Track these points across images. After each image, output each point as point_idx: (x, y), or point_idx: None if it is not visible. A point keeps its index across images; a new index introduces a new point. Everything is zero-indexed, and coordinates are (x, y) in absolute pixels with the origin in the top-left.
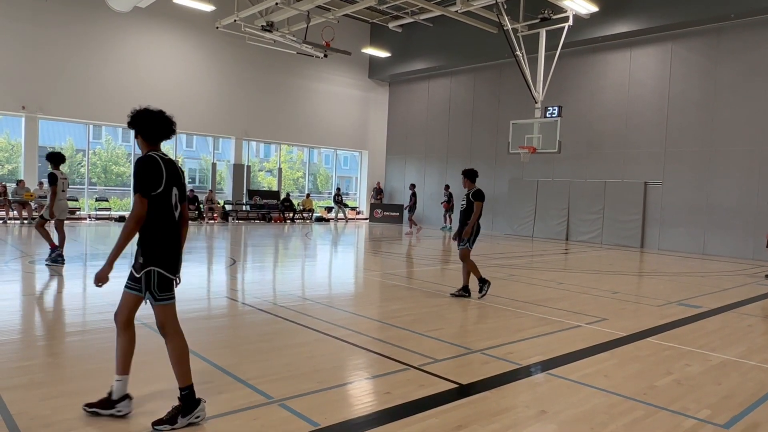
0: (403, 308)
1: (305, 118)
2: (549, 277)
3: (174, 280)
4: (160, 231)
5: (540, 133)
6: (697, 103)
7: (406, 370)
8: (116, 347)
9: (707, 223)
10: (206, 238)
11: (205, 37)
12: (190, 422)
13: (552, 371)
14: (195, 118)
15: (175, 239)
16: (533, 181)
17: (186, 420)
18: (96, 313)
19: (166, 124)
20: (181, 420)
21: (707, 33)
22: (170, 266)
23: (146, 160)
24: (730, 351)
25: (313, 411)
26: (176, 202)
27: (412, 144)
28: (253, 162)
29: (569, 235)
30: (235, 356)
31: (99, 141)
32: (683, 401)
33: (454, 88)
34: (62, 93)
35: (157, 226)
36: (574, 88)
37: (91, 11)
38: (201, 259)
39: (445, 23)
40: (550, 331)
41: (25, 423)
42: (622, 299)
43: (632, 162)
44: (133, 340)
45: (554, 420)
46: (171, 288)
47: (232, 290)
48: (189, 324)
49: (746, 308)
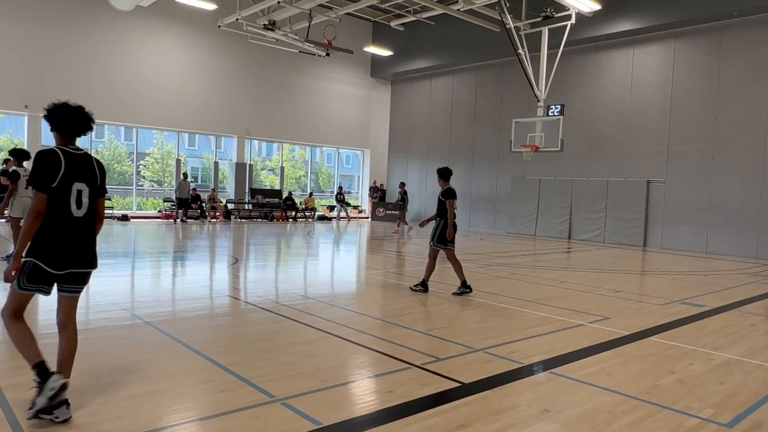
0: (406, 307)
1: (307, 116)
2: (551, 275)
3: (55, 276)
4: (50, 226)
5: (542, 132)
6: (700, 102)
7: (409, 369)
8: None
9: (710, 222)
10: (209, 236)
11: (207, 36)
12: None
13: (554, 370)
14: (197, 117)
15: (68, 235)
16: (535, 180)
17: (45, 398)
18: (97, 311)
19: (81, 119)
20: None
21: (710, 31)
22: (52, 261)
23: (42, 154)
24: (733, 350)
25: (315, 410)
26: (80, 198)
27: (414, 142)
28: (256, 161)
29: (572, 233)
30: (237, 355)
31: (101, 140)
32: (686, 400)
33: (456, 87)
34: (65, 92)
35: (49, 220)
36: (576, 86)
37: (94, 10)
38: (204, 258)
39: (447, 21)
40: (553, 330)
41: (29, 422)
42: (624, 298)
43: (635, 160)
44: (28, 329)
45: (557, 419)
46: (43, 282)
47: (234, 289)
48: (191, 322)
49: (749, 307)
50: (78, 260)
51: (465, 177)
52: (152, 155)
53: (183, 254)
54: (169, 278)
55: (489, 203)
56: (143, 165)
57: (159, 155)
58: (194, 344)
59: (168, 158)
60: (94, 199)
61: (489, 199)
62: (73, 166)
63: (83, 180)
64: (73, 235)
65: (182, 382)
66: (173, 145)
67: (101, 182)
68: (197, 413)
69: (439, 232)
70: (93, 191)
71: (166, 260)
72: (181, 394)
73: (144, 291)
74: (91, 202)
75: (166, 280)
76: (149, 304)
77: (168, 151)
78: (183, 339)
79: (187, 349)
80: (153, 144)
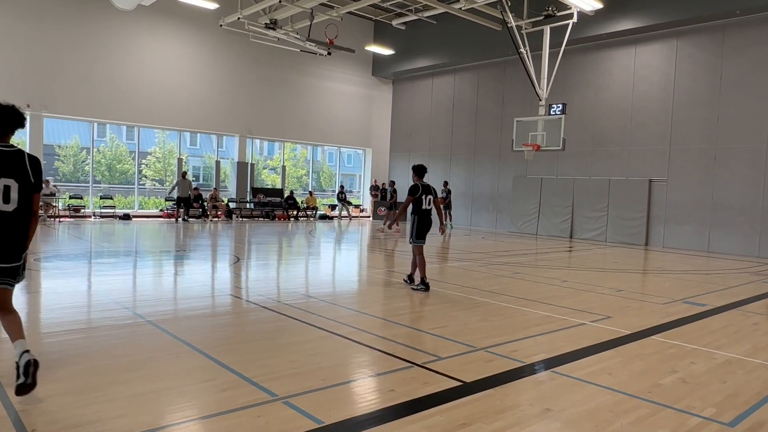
0: (407, 306)
1: (309, 115)
2: (553, 274)
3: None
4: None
5: (544, 131)
6: (702, 100)
7: (410, 368)
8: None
9: (712, 221)
10: (210, 235)
11: (208, 35)
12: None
13: (556, 369)
14: (198, 116)
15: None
16: (537, 179)
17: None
18: (100, 310)
19: (9, 117)
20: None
21: (713, 29)
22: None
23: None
24: (735, 349)
25: (317, 408)
26: (7, 193)
27: (416, 141)
28: (257, 160)
29: (573, 232)
30: (238, 353)
31: (103, 139)
32: (688, 399)
33: (457, 86)
34: (67, 91)
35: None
36: (578, 85)
37: (95, 9)
38: (205, 257)
39: (448, 20)
40: (555, 329)
41: (31, 420)
42: (626, 297)
43: (637, 159)
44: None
45: (558, 418)
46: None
47: (236, 288)
48: (193, 321)
49: (752, 306)
50: (3, 255)
51: (466, 176)
52: (154, 154)
53: (184, 253)
54: (170, 277)
55: (490, 202)
56: (145, 164)
57: (161, 154)
58: (196, 343)
59: (170, 157)
60: (27, 195)
61: (490, 198)
62: (1, 162)
63: (11, 176)
64: (4, 231)
65: (184, 380)
66: (175, 144)
67: (35, 178)
68: (199, 412)
69: (415, 229)
70: (24, 187)
71: (168, 259)
72: (183, 393)
73: (145, 290)
74: (23, 198)
75: (167, 279)
76: (151, 303)
77: (170, 150)
78: (184, 338)
79: (189, 348)
80: (155, 143)
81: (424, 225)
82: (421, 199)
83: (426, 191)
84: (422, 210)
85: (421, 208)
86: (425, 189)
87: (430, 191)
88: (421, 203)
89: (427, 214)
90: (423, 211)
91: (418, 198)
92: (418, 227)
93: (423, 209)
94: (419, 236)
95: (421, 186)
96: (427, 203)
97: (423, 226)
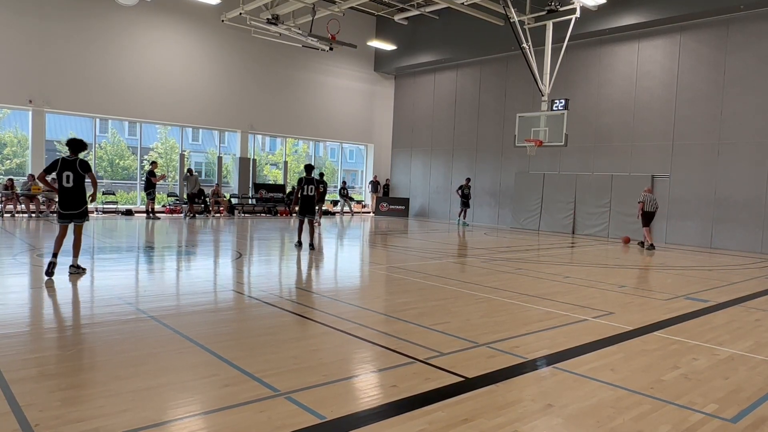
0: (409, 302)
1: (311, 111)
2: (555, 270)
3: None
4: None
5: (546, 126)
6: (705, 95)
7: (412, 364)
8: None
9: (715, 217)
10: (212, 231)
11: (210, 31)
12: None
13: (558, 365)
14: (200, 112)
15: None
16: (539, 175)
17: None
18: (104, 305)
19: (79, 146)
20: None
21: (716, 24)
22: None
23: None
24: (737, 345)
25: (319, 404)
26: (69, 179)
27: (418, 137)
28: (259, 155)
29: (576, 228)
30: (241, 349)
31: (105, 135)
32: (690, 395)
33: (460, 81)
34: (69, 87)
35: None
36: (581, 80)
37: (97, 5)
38: (207, 253)
39: (451, 15)
40: (557, 325)
41: (35, 415)
42: (628, 293)
43: (639, 155)
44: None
45: (560, 414)
46: None
47: (238, 283)
48: (195, 317)
49: (754, 302)
50: (72, 207)
51: (469, 172)
52: (156, 150)
53: (188, 249)
54: (173, 273)
55: (493, 198)
56: (147, 160)
57: (162, 150)
58: (198, 338)
59: (172, 153)
60: (79, 178)
61: (493, 193)
62: (67, 164)
63: (70, 170)
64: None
65: (186, 376)
66: (177, 140)
67: (82, 170)
68: (201, 407)
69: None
70: (76, 175)
71: (170, 255)
72: (186, 388)
73: (148, 285)
74: (76, 180)
75: (170, 274)
76: (153, 298)
77: (171, 145)
78: (187, 333)
79: (192, 344)
80: (156, 139)
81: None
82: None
83: (308, 183)
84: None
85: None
86: (308, 181)
87: (313, 182)
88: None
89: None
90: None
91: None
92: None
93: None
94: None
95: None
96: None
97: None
